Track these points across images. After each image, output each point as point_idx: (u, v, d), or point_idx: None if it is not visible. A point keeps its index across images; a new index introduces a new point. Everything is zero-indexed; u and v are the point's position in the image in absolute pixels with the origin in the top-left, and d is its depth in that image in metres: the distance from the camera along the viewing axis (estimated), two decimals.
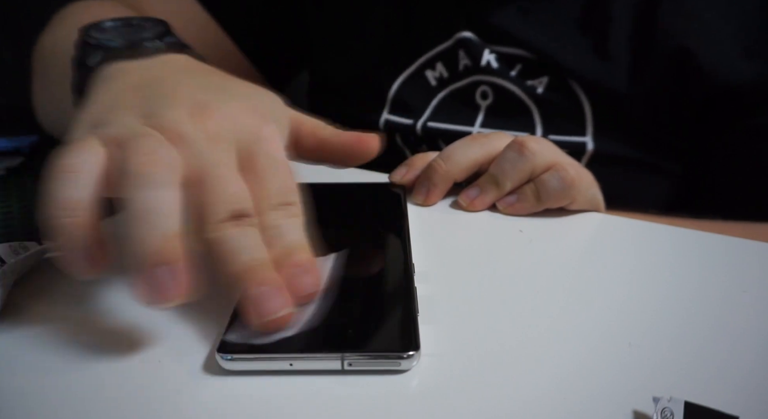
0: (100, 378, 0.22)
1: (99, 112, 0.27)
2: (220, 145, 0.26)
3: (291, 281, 0.23)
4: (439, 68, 0.52)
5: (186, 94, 0.27)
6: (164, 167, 0.23)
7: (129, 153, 0.23)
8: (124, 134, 0.24)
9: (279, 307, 0.22)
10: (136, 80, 0.29)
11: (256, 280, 0.22)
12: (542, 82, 0.49)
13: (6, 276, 0.27)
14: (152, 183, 0.22)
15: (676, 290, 0.29)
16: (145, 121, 0.26)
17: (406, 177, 0.39)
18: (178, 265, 0.21)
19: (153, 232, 0.21)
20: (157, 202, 0.22)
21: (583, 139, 0.49)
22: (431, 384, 0.22)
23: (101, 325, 0.26)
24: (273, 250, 0.24)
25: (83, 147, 0.24)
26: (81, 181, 0.23)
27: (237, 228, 0.23)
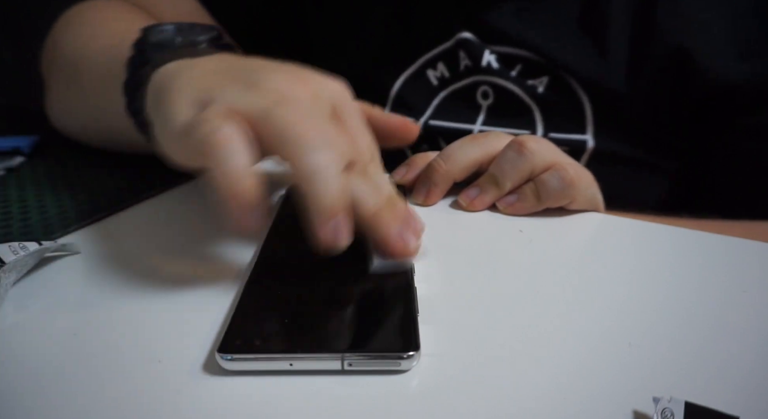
0: (100, 378, 0.22)
1: (195, 95, 0.28)
2: (321, 103, 0.29)
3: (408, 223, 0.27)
4: (441, 68, 0.52)
5: (272, 66, 0.30)
6: (322, 130, 0.26)
7: (284, 120, 0.25)
8: (252, 101, 0.26)
9: (414, 238, 0.27)
10: (211, 67, 0.31)
11: (393, 217, 0.27)
12: (542, 82, 0.50)
13: (6, 276, 0.27)
14: (318, 145, 0.25)
15: (676, 290, 0.29)
16: (255, 89, 0.27)
17: (406, 177, 0.39)
18: (349, 214, 0.25)
19: (331, 188, 0.25)
20: (327, 161, 0.25)
21: (583, 137, 0.49)
22: (431, 384, 0.22)
23: (101, 325, 0.26)
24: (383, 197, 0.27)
25: (221, 120, 0.25)
26: (242, 147, 0.25)
27: (356, 176, 0.26)
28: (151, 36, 0.35)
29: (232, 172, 0.24)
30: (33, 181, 0.43)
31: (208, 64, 0.31)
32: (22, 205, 0.39)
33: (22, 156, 0.48)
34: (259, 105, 0.26)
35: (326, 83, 0.30)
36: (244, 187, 0.24)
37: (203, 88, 0.28)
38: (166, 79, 0.31)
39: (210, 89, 0.28)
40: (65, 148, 0.50)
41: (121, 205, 0.38)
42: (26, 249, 0.28)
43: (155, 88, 0.31)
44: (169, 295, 0.28)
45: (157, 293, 0.28)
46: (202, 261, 0.31)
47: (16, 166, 0.46)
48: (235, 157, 0.24)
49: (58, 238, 0.33)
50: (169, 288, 0.29)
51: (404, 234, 0.26)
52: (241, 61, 0.32)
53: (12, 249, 0.28)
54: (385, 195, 0.27)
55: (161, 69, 0.32)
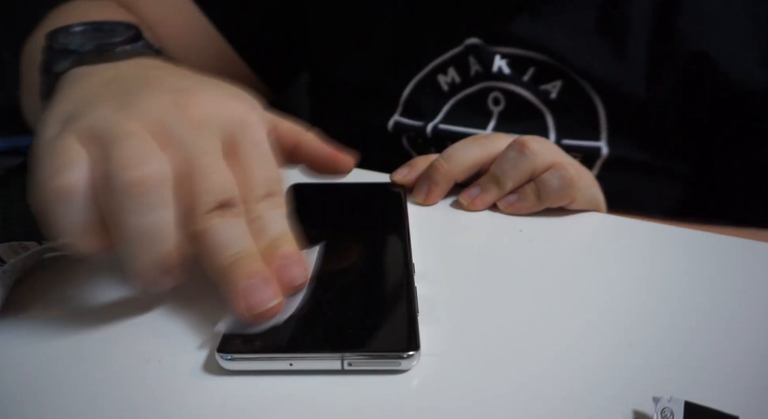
0: (100, 378, 0.22)
1: (71, 107, 0.26)
2: (205, 132, 0.25)
3: (280, 273, 0.24)
4: (451, 73, 0.52)
5: (166, 82, 0.27)
6: (156, 184, 0.22)
7: (115, 163, 0.22)
8: (103, 129, 0.23)
9: (269, 299, 0.23)
10: (108, 77, 0.29)
11: (246, 273, 0.23)
12: (555, 87, 0.49)
13: (6, 276, 0.27)
14: (146, 205, 0.22)
15: (676, 290, 0.29)
16: (125, 111, 0.24)
17: (407, 177, 0.39)
18: (176, 271, 0.23)
19: (152, 255, 0.22)
20: (153, 226, 0.22)
21: (597, 144, 0.48)
22: (431, 384, 0.22)
23: (101, 325, 0.26)
24: (260, 242, 0.24)
25: (69, 157, 0.23)
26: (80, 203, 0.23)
27: (223, 219, 0.23)
28: (58, 40, 0.33)
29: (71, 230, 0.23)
30: None
31: (106, 72, 0.29)
32: (22, 205, 0.39)
33: (22, 156, 0.48)
34: (107, 135, 0.23)
35: (223, 109, 0.26)
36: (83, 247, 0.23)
37: (77, 103, 0.26)
38: (61, 87, 0.29)
39: (81, 104, 0.26)
40: None
41: None
42: (26, 249, 0.28)
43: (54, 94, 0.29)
44: (169, 295, 0.28)
45: (157, 293, 0.28)
46: None
47: (16, 166, 0.46)
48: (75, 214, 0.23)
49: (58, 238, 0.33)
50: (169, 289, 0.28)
51: (252, 294, 0.23)
52: (140, 73, 0.29)
53: (12, 249, 0.28)
54: (250, 243, 0.24)
55: (65, 75, 0.30)
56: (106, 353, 0.24)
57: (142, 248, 0.22)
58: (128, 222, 0.22)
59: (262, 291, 0.23)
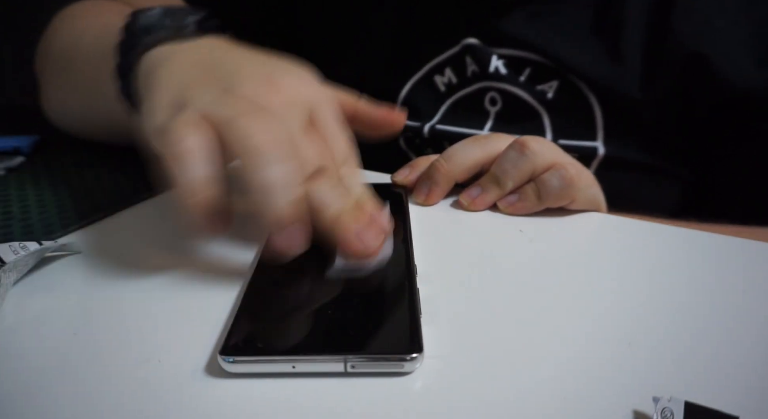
0: (100, 379, 0.22)
1: (175, 93, 0.29)
2: (295, 109, 0.29)
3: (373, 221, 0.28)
4: (448, 74, 0.52)
5: (252, 67, 0.31)
6: (283, 142, 0.26)
7: (246, 130, 0.26)
8: (218, 111, 0.27)
9: (377, 237, 0.27)
10: (194, 59, 0.32)
11: (354, 219, 0.27)
12: (552, 87, 0.49)
13: (6, 275, 0.27)
14: (275, 159, 0.25)
15: (676, 290, 0.29)
16: (229, 96, 0.28)
17: (408, 177, 0.39)
18: (304, 223, 0.26)
19: (287, 200, 0.25)
20: (286, 174, 0.25)
21: (593, 144, 0.49)
22: (434, 386, 0.22)
23: (101, 325, 0.26)
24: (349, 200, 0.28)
25: (191, 126, 0.26)
26: (201, 160, 0.26)
27: (322, 182, 0.27)
28: (139, 20, 0.35)
29: (188, 184, 0.25)
30: (33, 181, 0.43)
31: (191, 53, 0.33)
32: (22, 205, 0.39)
33: (22, 156, 0.48)
34: (227, 114, 0.27)
35: (303, 88, 0.31)
36: (199, 199, 0.25)
37: (181, 88, 0.29)
38: (152, 66, 0.32)
39: (186, 90, 0.29)
40: (65, 148, 0.50)
41: (121, 204, 0.38)
42: (26, 249, 0.28)
43: (143, 74, 0.32)
44: (170, 296, 0.28)
45: (158, 294, 0.28)
46: (203, 262, 0.31)
47: (16, 166, 0.46)
48: (193, 170, 0.25)
49: (58, 238, 0.33)
50: (170, 289, 0.29)
51: (363, 236, 0.27)
52: (224, 56, 0.33)
53: (12, 249, 0.28)
54: (349, 198, 0.28)
55: (149, 53, 0.33)
56: (106, 354, 0.24)
57: (277, 194, 0.25)
58: (263, 174, 0.25)
59: (370, 232, 0.27)
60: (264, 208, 0.25)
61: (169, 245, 0.33)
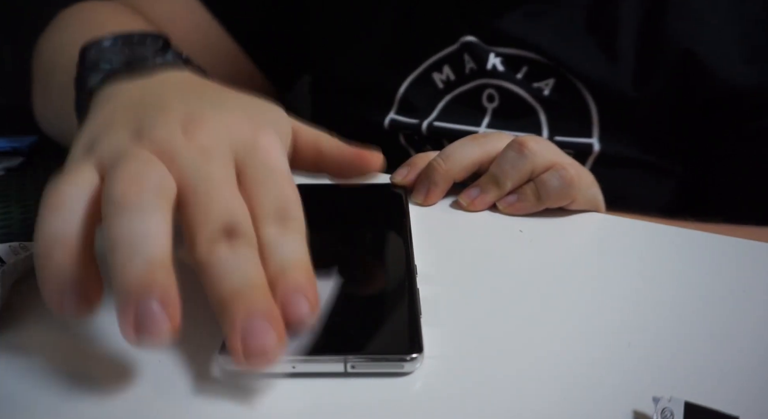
0: (99, 379, 0.22)
1: (93, 133, 0.26)
2: (213, 157, 0.24)
3: (285, 306, 0.21)
4: (446, 71, 0.52)
5: (178, 107, 0.26)
6: (150, 191, 0.21)
7: (114, 178, 0.22)
8: (115, 155, 0.23)
9: (267, 345, 0.20)
10: (133, 98, 0.28)
11: (246, 308, 0.20)
12: (548, 84, 0.50)
13: (6, 276, 0.27)
14: (136, 208, 0.20)
15: (676, 290, 0.29)
16: (136, 138, 0.24)
17: (407, 177, 0.39)
18: (167, 296, 0.19)
19: (137, 260, 0.19)
20: (142, 227, 0.20)
21: (589, 141, 0.49)
22: (434, 386, 0.22)
23: (102, 325, 0.26)
24: (269, 268, 0.22)
25: (74, 176, 0.23)
26: (70, 213, 0.21)
27: (228, 247, 0.21)
28: (89, 56, 0.33)
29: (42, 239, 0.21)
30: (33, 181, 0.43)
31: (132, 93, 0.29)
32: (22, 205, 0.39)
33: (22, 156, 0.48)
34: (113, 159, 0.23)
35: (229, 131, 0.25)
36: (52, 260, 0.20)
37: (98, 131, 0.26)
38: (93, 107, 0.29)
39: (101, 133, 0.25)
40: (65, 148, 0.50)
41: None
42: (27, 250, 0.28)
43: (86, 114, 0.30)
44: None
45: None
46: None
47: (16, 166, 0.46)
48: (52, 223, 0.21)
49: None
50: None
51: (250, 333, 0.19)
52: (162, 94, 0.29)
53: (12, 249, 0.28)
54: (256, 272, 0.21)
55: (97, 93, 0.30)
56: (106, 354, 0.24)
57: (128, 252, 0.20)
58: (117, 226, 0.20)
59: (261, 334, 0.20)
60: (112, 273, 0.20)
61: None
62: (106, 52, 0.33)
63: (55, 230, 0.21)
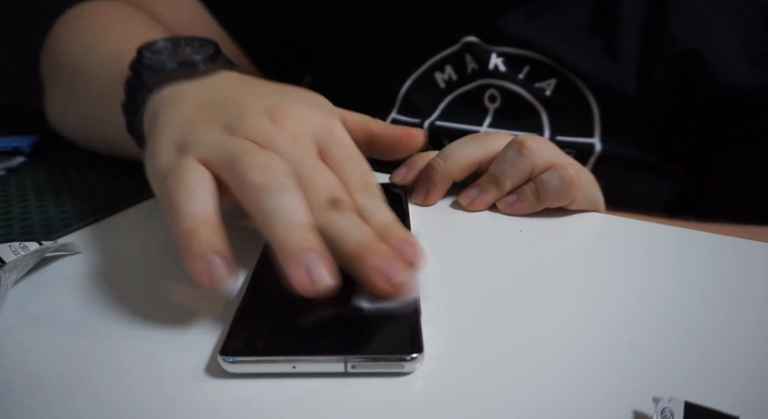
0: (99, 379, 0.22)
1: (178, 132, 0.29)
2: (303, 141, 0.28)
3: (399, 252, 0.25)
4: (448, 71, 0.53)
5: (256, 102, 0.30)
6: (282, 173, 0.25)
7: (246, 168, 0.25)
8: (224, 150, 0.26)
9: (401, 271, 0.24)
10: (201, 98, 0.31)
11: (376, 252, 0.24)
12: (550, 84, 0.50)
13: (6, 275, 0.27)
14: (278, 187, 0.25)
15: (677, 290, 0.29)
16: (231, 132, 0.28)
17: (406, 177, 0.39)
18: (323, 252, 0.24)
19: (294, 226, 0.24)
20: (288, 201, 0.25)
21: (591, 141, 0.49)
22: (434, 386, 0.22)
23: (101, 325, 0.26)
24: (371, 227, 0.26)
25: (192, 169, 0.26)
26: (205, 196, 0.25)
27: (338, 212, 0.26)
28: (145, 57, 0.34)
29: (187, 226, 0.24)
30: (33, 181, 0.43)
31: (196, 92, 0.32)
32: (22, 205, 0.39)
33: (22, 156, 0.48)
34: (228, 153, 0.26)
35: (310, 118, 0.30)
36: (199, 239, 0.23)
37: (184, 130, 0.29)
38: (157, 108, 0.31)
39: (189, 132, 0.28)
40: (65, 148, 0.50)
41: (121, 204, 0.38)
42: (26, 249, 0.28)
43: (149, 115, 0.32)
44: (170, 297, 0.28)
45: (158, 294, 0.28)
46: None
47: (16, 166, 0.46)
48: (190, 206, 0.25)
49: (58, 238, 0.33)
50: (170, 289, 0.29)
51: (387, 270, 0.24)
52: (229, 92, 0.31)
53: (12, 249, 0.28)
54: (367, 229, 0.26)
55: (156, 94, 0.32)
56: (106, 354, 0.24)
57: (285, 222, 0.24)
58: (268, 204, 0.24)
59: (395, 266, 0.24)
60: (276, 239, 0.24)
61: (169, 245, 0.33)
62: (161, 54, 0.35)
63: (197, 211, 0.24)
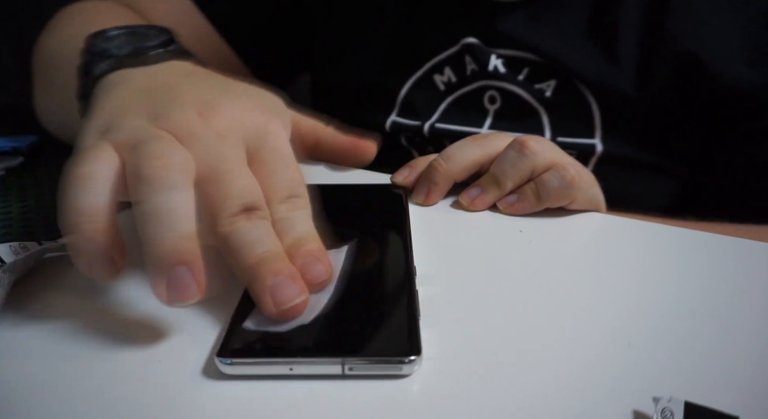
0: (98, 380, 0.22)
1: (107, 118, 0.27)
2: (229, 141, 0.26)
3: (304, 270, 0.24)
4: (448, 73, 0.52)
5: (192, 94, 0.28)
6: (176, 169, 0.24)
7: (141, 157, 0.24)
8: (135, 137, 0.25)
9: (295, 295, 0.23)
10: (141, 85, 0.30)
11: (272, 270, 0.23)
12: (550, 86, 0.50)
13: (6, 276, 0.27)
14: (165, 186, 0.23)
15: (677, 290, 0.29)
16: (155, 123, 0.26)
17: (408, 178, 0.39)
18: (195, 264, 0.22)
19: (169, 234, 0.22)
20: (171, 204, 0.23)
21: (591, 141, 0.49)
22: (433, 388, 0.22)
23: (101, 326, 0.26)
24: (284, 241, 0.25)
25: (97, 154, 0.25)
26: (98, 187, 0.24)
27: (248, 221, 0.24)
28: (96, 44, 0.34)
29: (73, 212, 0.23)
30: (33, 181, 0.43)
31: (141, 79, 0.31)
32: (22, 205, 0.39)
33: (22, 156, 0.48)
34: (136, 140, 0.25)
35: (242, 117, 0.28)
36: (85, 228, 0.23)
37: (112, 115, 0.27)
38: (101, 92, 0.31)
39: (116, 117, 0.27)
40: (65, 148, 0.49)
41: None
42: (27, 249, 0.28)
43: (93, 98, 0.31)
44: None
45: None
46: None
47: (16, 166, 0.46)
48: (83, 196, 0.23)
49: (58, 238, 0.33)
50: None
51: (278, 291, 0.23)
52: (172, 82, 0.30)
53: (12, 249, 0.28)
54: (274, 243, 0.24)
55: (103, 79, 0.32)
56: (105, 355, 0.24)
57: (160, 226, 0.22)
58: (148, 203, 0.23)
59: (288, 288, 0.23)
60: (145, 244, 0.22)
61: None
62: (113, 41, 0.34)
63: (83, 203, 0.23)
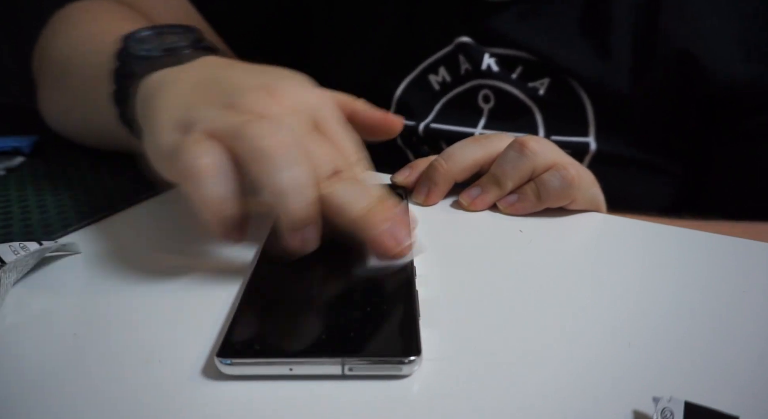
0: (98, 380, 0.22)
1: (178, 113, 0.29)
2: (298, 116, 0.29)
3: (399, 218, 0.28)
4: (442, 73, 0.52)
5: (246, 81, 0.30)
6: (290, 145, 0.26)
7: (255, 139, 0.26)
8: (229, 124, 0.27)
9: (406, 236, 0.27)
10: (193, 80, 0.31)
11: (382, 218, 0.27)
12: (543, 84, 0.49)
13: (6, 275, 0.27)
14: (289, 162, 0.26)
15: (677, 290, 0.29)
16: (232, 109, 0.28)
17: (408, 178, 0.39)
18: (317, 223, 0.26)
19: (301, 203, 0.26)
20: (298, 176, 0.26)
21: (585, 140, 0.49)
22: (432, 389, 0.22)
23: (101, 326, 0.26)
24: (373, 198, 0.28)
25: (204, 147, 0.26)
26: (219, 177, 0.26)
27: (343, 182, 0.27)
28: (131, 46, 0.35)
29: (211, 202, 0.26)
30: (33, 181, 0.43)
31: (189, 75, 0.32)
32: (22, 205, 0.39)
33: (22, 156, 0.48)
34: (233, 126, 0.27)
35: (304, 95, 0.31)
36: (223, 215, 0.26)
37: (183, 109, 0.29)
38: (150, 93, 0.32)
39: (189, 110, 0.29)
40: (65, 148, 0.50)
41: (121, 205, 0.38)
42: (27, 249, 0.28)
43: (141, 101, 0.32)
44: (169, 296, 0.28)
45: (157, 294, 0.28)
46: (202, 263, 0.31)
47: (16, 166, 0.46)
48: (214, 188, 0.26)
49: (58, 238, 0.33)
50: (169, 290, 0.29)
51: (394, 233, 0.27)
52: (221, 73, 0.32)
53: (12, 249, 0.28)
54: (372, 196, 0.27)
55: (146, 80, 0.33)
56: (105, 354, 0.24)
57: (294, 197, 0.25)
58: (277, 178, 0.25)
59: (401, 230, 0.27)
60: (280, 211, 0.26)
61: (169, 245, 0.33)
62: (145, 43, 0.35)
63: (217, 192, 0.26)
